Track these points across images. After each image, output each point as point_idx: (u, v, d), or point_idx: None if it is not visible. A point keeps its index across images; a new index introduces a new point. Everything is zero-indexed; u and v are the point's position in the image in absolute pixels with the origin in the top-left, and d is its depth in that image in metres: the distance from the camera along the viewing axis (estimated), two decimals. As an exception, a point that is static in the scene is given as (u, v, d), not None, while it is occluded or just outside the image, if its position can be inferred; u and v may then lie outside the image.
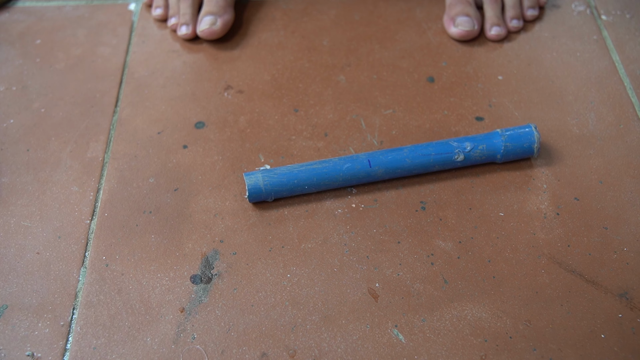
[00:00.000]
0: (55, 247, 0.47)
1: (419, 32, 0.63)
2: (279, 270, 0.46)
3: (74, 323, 0.43)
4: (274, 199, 0.49)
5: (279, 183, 0.48)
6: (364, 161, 0.49)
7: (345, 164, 0.49)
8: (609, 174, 0.51)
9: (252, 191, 0.47)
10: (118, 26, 0.63)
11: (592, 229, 0.48)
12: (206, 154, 0.53)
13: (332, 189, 0.50)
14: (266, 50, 0.61)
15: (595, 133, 0.54)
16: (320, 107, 0.56)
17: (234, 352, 0.42)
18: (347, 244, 0.47)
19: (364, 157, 0.49)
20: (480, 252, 0.47)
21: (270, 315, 0.43)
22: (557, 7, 0.65)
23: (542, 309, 0.44)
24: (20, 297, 0.44)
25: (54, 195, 0.50)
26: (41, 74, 0.59)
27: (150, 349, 0.42)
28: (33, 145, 0.53)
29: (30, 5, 0.66)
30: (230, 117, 0.55)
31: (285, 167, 0.49)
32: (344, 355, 0.41)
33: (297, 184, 0.48)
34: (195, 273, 0.45)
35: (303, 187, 0.48)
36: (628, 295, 0.44)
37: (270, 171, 0.48)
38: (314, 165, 0.48)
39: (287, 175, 0.48)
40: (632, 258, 0.46)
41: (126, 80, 0.58)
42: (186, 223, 0.48)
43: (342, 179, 0.49)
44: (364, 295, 0.44)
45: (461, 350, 0.42)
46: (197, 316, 0.43)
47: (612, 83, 0.58)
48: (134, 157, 0.52)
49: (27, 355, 0.42)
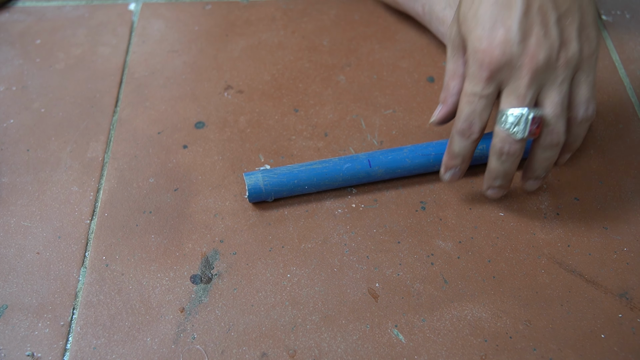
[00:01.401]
0: (55, 247, 0.47)
1: (419, 32, 0.63)
2: (279, 270, 0.46)
3: (74, 323, 0.43)
4: (274, 199, 0.49)
5: (279, 183, 0.48)
6: (363, 161, 0.49)
7: (345, 164, 0.49)
8: (609, 174, 0.51)
9: (252, 191, 0.47)
10: (118, 26, 0.63)
11: (592, 229, 0.48)
12: (206, 154, 0.53)
13: (332, 189, 0.50)
14: (266, 50, 0.61)
15: (595, 133, 0.54)
16: (320, 107, 0.56)
17: (234, 352, 0.42)
18: (347, 244, 0.47)
19: (364, 157, 0.49)
20: (480, 252, 0.47)
21: (270, 315, 0.43)
22: (557, 7, 0.65)
23: (542, 309, 0.44)
24: (20, 297, 0.44)
25: (54, 195, 0.50)
26: (41, 74, 0.59)
27: (150, 349, 0.42)
28: (33, 145, 0.53)
29: (30, 5, 0.66)
30: (230, 117, 0.55)
31: (285, 167, 0.49)
32: (344, 355, 0.41)
33: (297, 184, 0.48)
34: (195, 273, 0.45)
35: (303, 187, 0.48)
36: (628, 295, 0.44)
37: (270, 171, 0.48)
38: (314, 165, 0.48)
39: (287, 175, 0.48)
40: (632, 258, 0.46)
41: (126, 80, 0.58)
42: (186, 223, 0.48)
43: (342, 179, 0.49)
44: (364, 295, 0.44)
45: (461, 350, 0.42)
46: (197, 316, 0.43)
47: (612, 83, 0.58)
48: (134, 157, 0.52)
49: (27, 355, 0.42)
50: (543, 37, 0.40)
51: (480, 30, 0.41)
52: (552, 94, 0.41)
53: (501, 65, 0.40)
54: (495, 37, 0.40)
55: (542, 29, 0.40)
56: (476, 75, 0.41)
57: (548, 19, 0.40)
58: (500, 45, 0.40)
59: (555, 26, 0.40)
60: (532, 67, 0.40)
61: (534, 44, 0.40)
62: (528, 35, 0.40)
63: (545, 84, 0.41)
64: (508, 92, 0.41)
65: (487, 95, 0.42)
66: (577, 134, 0.44)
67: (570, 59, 0.41)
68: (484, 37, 0.41)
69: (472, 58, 0.41)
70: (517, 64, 0.40)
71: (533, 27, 0.40)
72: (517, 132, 0.41)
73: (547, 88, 0.41)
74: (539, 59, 0.40)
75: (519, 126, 0.41)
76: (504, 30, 0.40)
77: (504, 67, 0.40)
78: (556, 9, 0.41)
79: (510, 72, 0.41)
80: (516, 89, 0.41)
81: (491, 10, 0.41)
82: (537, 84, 0.41)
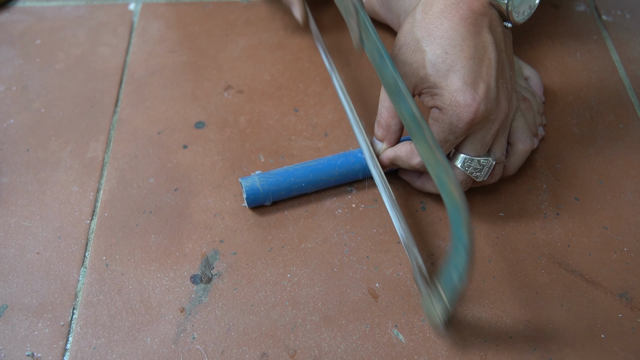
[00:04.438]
0: (55, 247, 0.47)
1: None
2: (279, 270, 0.46)
3: (74, 323, 0.43)
4: (272, 202, 0.49)
5: (276, 182, 0.48)
6: (357, 155, 0.49)
7: (339, 159, 0.49)
8: (609, 174, 0.51)
9: (249, 193, 0.47)
10: (118, 26, 0.63)
11: (592, 229, 0.48)
12: (206, 154, 0.53)
13: (331, 188, 0.50)
14: (266, 50, 0.61)
15: (595, 133, 0.54)
16: (320, 107, 0.56)
17: (234, 352, 0.42)
18: (347, 244, 0.47)
19: (358, 151, 0.49)
20: (480, 252, 0.47)
21: (270, 315, 0.43)
22: (557, 7, 0.65)
23: (542, 309, 0.44)
24: (20, 297, 0.44)
25: (54, 195, 0.50)
26: (41, 74, 0.59)
27: (150, 349, 0.42)
28: (33, 145, 0.53)
29: (30, 5, 0.66)
30: (230, 117, 0.55)
31: (281, 168, 0.49)
32: (344, 355, 0.41)
33: (294, 182, 0.48)
34: (195, 273, 0.45)
35: (300, 184, 0.48)
36: (628, 295, 0.44)
37: (266, 173, 0.48)
38: (309, 163, 0.48)
39: (283, 174, 0.48)
40: (632, 258, 0.46)
41: (126, 80, 0.58)
42: (186, 223, 0.48)
43: (338, 174, 0.49)
44: (364, 295, 0.44)
45: (461, 350, 0.42)
46: (197, 316, 0.43)
47: (612, 83, 0.58)
48: (134, 157, 0.52)
49: (27, 355, 0.42)
50: (507, 91, 0.43)
51: (461, 84, 0.41)
52: (502, 140, 0.45)
53: (480, 120, 0.42)
54: (478, 93, 0.41)
55: (504, 84, 0.43)
56: (454, 126, 0.42)
57: (506, 75, 0.43)
58: (484, 102, 0.41)
59: (510, 81, 0.44)
60: (502, 120, 0.43)
61: (503, 99, 0.43)
62: (500, 91, 0.42)
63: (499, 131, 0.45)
64: (474, 140, 0.43)
65: (455, 143, 0.44)
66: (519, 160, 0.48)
67: (515, 109, 0.45)
68: (466, 92, 0.41)
69: (450, 110, 0.42)
70: (491, 117, 0.42)
71: (500, 81, 0.42)
72: (479, 177, 0.45)
73: (500, 136, 0.45)
74: (507, 112, 0.43)
75: (481, 172, 0.45)
76: (484, 86, 0.41)
77: (482, 121, 0.42)
78: (510, 64, 0.44)
79: (483, 125, 0.43)
80: (483, 139, 0.43)
81: (470, 65, 0.41)
82: (499, 135, 0.44)
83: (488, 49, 0.41)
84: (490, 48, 0.42)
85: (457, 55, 0.41)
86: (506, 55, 0.43)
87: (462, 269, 0.35)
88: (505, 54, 0.43)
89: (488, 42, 0.42)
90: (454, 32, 0.41)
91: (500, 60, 0.42)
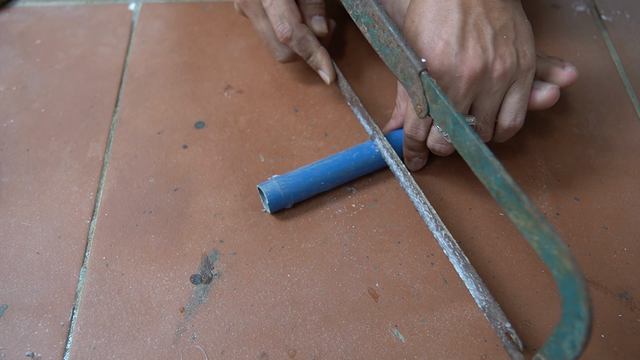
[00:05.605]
0: (55, 247, 0.47)
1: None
2: (279, 270, 0.46)
3: (74, 323, 0.43)
4: (293, 204, 0.48)
5: (296, 184, 0.47)
6: (370, 147, 0.49)
7: (353, 152, 0.49)
8: (609, 174, 0.51)
9: (272, 199, 0.47)
10: (118, 26, 0.63)
11: (592, 229, 0.48)
12: (206, 154, 0.53)
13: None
14: (266, 50, 0.61)
15: (595, 133, 0.54)
16: (320, 107, 0.56)
17: (234, 352, 0.42)
18: (347, 244, 0.47)
19: (369, 143, 0.50)
20: (480, 252, 0.47)
21: (270, 315, 0.43)
22: (557, 7, 0.65)
23: (542, 309, 0.44)
24: (20, 297, 0.44)
25: (54, 195, 0.50)
26: (41, 74, 0.59)
27: (150, 349, 0.42)
28: (33, 145, 0.53)
29: (30, 5, 0.66)
30: (230, 117, 0.55)
31: (296, 169, 0.48)
32: (344, 355, 0.41)
33: (313, 182, 0.48)
34: (195, 273, 0.45)
35: (319, 183, 0.48)
36: (628, 295, 0.44)
37: (284, 176, 0.48)
38: (324, 161, 0.48)
39: (301, 175, 0.48)
40: (632, 258, 0.46)
41: (126, 80, 0.58)
42: (186, 223, 0.48)
43: (355, 168, 0.49)
44: (364, 295, 0.44)
45: (461, 350, 0.42)
46: (197, 316, 0.43)
47: (612, 83, 0.58)
48: (134, 157, 0.52)
49: (27, 355, 0.42)
50: (480, 49, 0.43)
51: (420, 44, 0.44)
52: (485, 103, 0.45)
53: (440, 75, 0.43)
54: (434, 49, 0.43)
55: (478, 43, 0.43)
56: None
57: (484, 34, 0.43)
58: (439, 57, 0.43)
59: (491, 41, 0.43)
60: (469, 77, 0.43)
61: (471, 56, 0.43)
62: (465, 48, 0.43)
63: (481, 93, 0.44)
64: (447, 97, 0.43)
65: None
66: (502, 137, 0.48)
67: (505, 72, 0.43)
68: (423, 50, 0.43)
69: None
70: (456, 74, 0.43)
71: (469, 40, 0.43)
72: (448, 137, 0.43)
73: (482, 97, 0.45)
74: (476, 69, 0.43)
75: None
76: (442, 43, 0.43)
77: (443, 76, 0.43)
78: (491, 25, 0.43)
79: (449, 82, 0.43)
80: (454, 97, 0.44)
81: (429, 26, 0.43)
82: (473, 93, 0.44)
83: (452, 11, 0.43)
84: (455, 10, 0.43)
85: (419, 21, 0.44)
86: (487, 18, 0.43)
87: (578, 342, 0.33)
88: (487, 17, 0.43)
89: (453, 5, 0.43)
90: (424, 2, 0.44)
91: (469, 20, 0.43)
